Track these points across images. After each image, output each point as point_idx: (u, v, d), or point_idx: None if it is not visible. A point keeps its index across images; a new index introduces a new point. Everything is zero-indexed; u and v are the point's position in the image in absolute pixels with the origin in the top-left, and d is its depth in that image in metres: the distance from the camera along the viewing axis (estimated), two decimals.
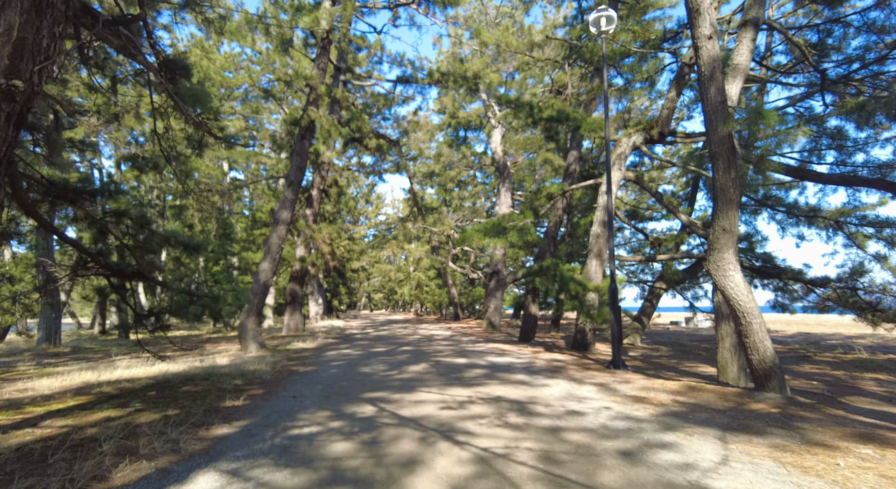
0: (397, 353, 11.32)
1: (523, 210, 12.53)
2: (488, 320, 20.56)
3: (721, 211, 5.81)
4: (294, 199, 12.89)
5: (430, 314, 44.02)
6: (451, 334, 18.01)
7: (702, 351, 12.86)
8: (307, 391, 6.59)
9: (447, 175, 30.05)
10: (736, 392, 6.22)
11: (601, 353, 11.59)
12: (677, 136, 11.79)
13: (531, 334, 14.58)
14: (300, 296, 18.27)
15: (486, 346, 12.95)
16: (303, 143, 12.75)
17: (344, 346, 13.45)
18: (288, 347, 13.31)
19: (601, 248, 12.02)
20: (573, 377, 7.81)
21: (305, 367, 8.97)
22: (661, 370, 8.93)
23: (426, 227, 24.00)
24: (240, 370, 8.18)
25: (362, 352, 11.66)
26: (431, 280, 35.51)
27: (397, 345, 13.70)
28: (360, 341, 15.28)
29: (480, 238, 11.36)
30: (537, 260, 14.84)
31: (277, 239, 12.82)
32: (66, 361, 11.54)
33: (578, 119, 12.15)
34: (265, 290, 12.83)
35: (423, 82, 18.28)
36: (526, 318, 14.62)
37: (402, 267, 40.57)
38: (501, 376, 7.87)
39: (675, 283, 13.94)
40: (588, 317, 10.67)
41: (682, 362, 10.42)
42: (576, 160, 14.96)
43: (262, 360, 9.54)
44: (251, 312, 12.67)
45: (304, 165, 12.84)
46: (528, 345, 13.58)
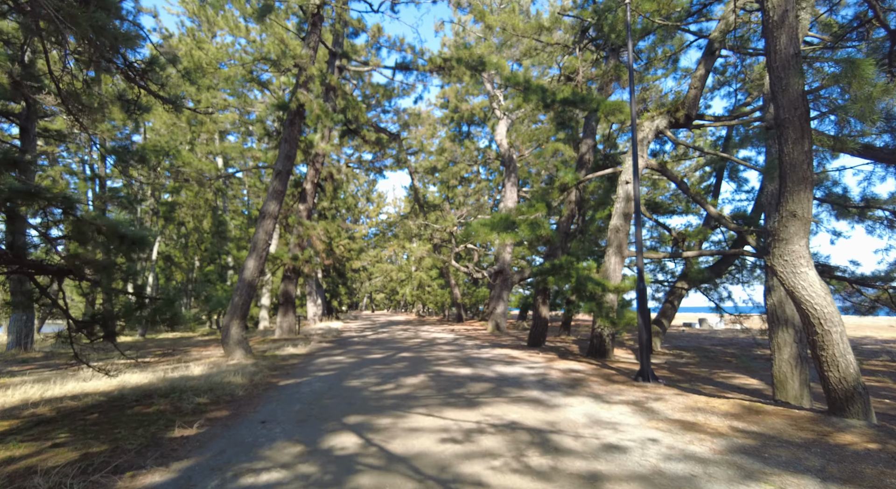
0: (394, 361, 10.18)
1: (533, 203, 11.39)
2: (494, 322, 19.42)
3: (791, 192, 4.66)
4: (282, 191, 11.76)
5: (433, 315, 42.89)
6: (455, 337, 16.87)
7: (730, 357, 11.68)
8: (281, 413, 5.46)
9: (450, 171, 28.92)
10: (807, 416, 5.05)
11: (622, 361, 10.43)
12: (705, 118, 10.62)
13: (541, 339, 13.43)
14: (294, 297, 17.16)
15: (493, 353, 11.80)
16: (291, 129, 11.62)
17: (337, 352, 12.32)
18: (276, 353, 12.19)
19: (621, 243, 10.87)
20: (597, 393, 6.65)
21: (288, 380, 7.83)
22: (694, 382, 7.77)
23: (428, 223, 22.86)
24: (211, 383, 7.05)
25: (356, 360, 10.53)
26: (434, 280, 34.37)
27: (395, 350, 12.57)
28: (355, 346, 14.15)
29: (487, 232, 10.21)
30: (548, 257, 13.69)
31: (264, 234, 11.70)
32: (28, 370, 10.45)
33: (596, 101, 11.00)
34: (251, 290, 11.71)
35: (424, 69, 17.14)
36: (536, 321, 13.47)
37: (404, 266, 39.45)
38: (513, 392, 6.72)
39: (698, 282, 12.76)
40: (608, 322, 9.51)
41: (715, 371, 9.25)
42: (590, 149, 13.79)
43: (242, 370, 8.41)
44: (235, 315, 11.55)
45: (292, 153, 11.71)
46: (538, 350, 12.43)
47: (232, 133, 30.96)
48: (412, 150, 27.31)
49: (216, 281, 24.73)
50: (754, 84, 13.62)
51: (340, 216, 45.52)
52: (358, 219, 50.67)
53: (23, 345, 13.59)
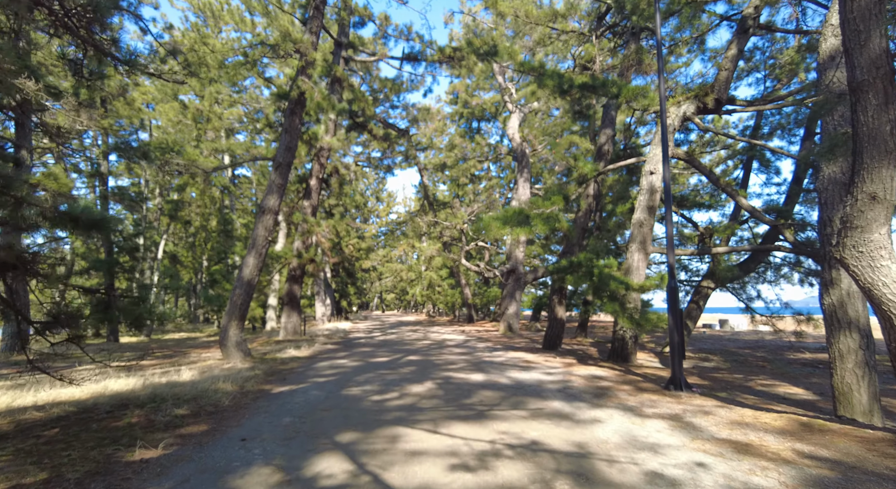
0: (400, 365, 9.47)
1: (549, 196, 10.62)
2: (506, 323, 18.65)
3: (870, 170, 3.87)
4: (283, 184, 11.12)
5: (443, 315, 42.19)
6: (465, 339, 16.13)
7: (762, 362, 10.81)
8: (267, 428, 4.77)
9: (460, 168, 28.19)
10: (886, 438, 4.26)
11: (646, 366, 9.63)
12: (736, 103, 9.78)
13: (558, 341, 12.65)
14: (298, 297, 16.54)
15: (507, 356, 11.06)
16: (292, 118, 10.97)
17: (341, 355, 11.65)
18: (277, 355, 11.56)
19: (645, 239, 10.07)
20: (628, 405, 5.88)
21: (283, 386, 7.15)
22: (732, 391, 6.97)
23: (437, 220, 22.14)
24: (197, 390, 6.39)
25: (360, 363, 9.84)
26: (444, 280, 33.66)
27: (403, 353, 11.87)
28: (361, 347, 13.48)
29: (499, 227, 9.46)
30: (564, 255, 12.91)
31: (264, 230, 11.06)
32: (16, 373, 9.90)
33: (617, 86, 10.21)
34: (250, 290, 11.09)
35: (433, 59, 16.43)
36: (551, 323, 12.69)
37: (414, 266, 38.78)
38: (532, 403, 5.97)
39: (726, 281, 11.90)
40: (633, 324, 8.72)
41: (751, 378, 8.42)
42: (609, 140, 12.99)
43: (235, 376, 7.76)
44: (234, 316, 10.93)
45: (293, 145, 11.06)
46: (554, 354, 11.66)
47: (241, 132, 30.57)
48: (421, 147, 26.61)
49: (222, 280, 24.20)
50: (784, 69, 12.73)
51: (350, 215, 45.02)
52: (368, 218, 50.14)
53: (16, 349, 13.09)
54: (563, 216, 9.75)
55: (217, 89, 22.91)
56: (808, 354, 11.73)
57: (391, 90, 23.31)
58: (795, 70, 12.52)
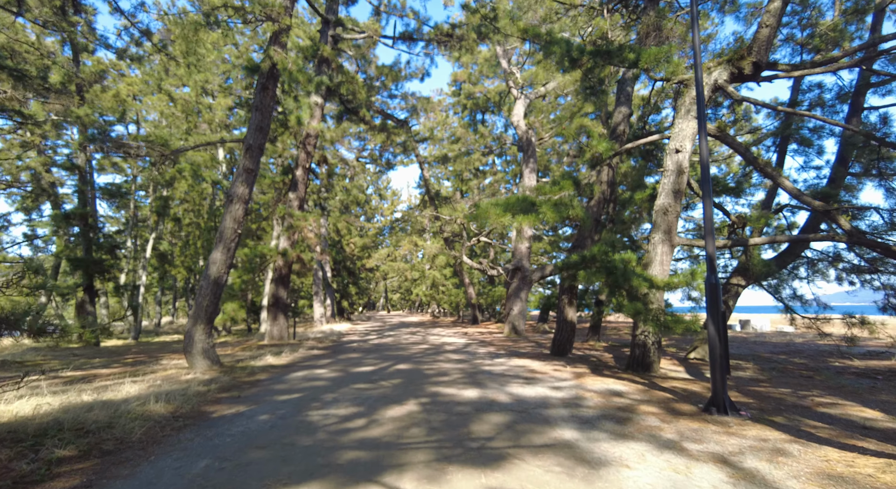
0: (385, 377, 8.10)
1: (559, 180, 9.22)
2: (511, 325, 17.25)
3: None
4: (253, 169, 9.80)
5: (448, 316, 40.82)
6: (466, 343, 14.74)
7: (806, 370, 9.32)
8: (165, 480, 3.43)
9: (463, 162, 26.82)
10: None
11: (672, 377, 8.19)
12: (779, 68, 8.32)
13: (567, 346, 11.23)
14: (285, 299, 15.23)
15: (509, 364, 9.66)
16: (263, 94, 9.64)
17: (323, 363, 10.31)
18: (251, 363, 10.24)
19: (671, 228, 8.65)
20: (662, 437, 4.48)
21: (230, 407, 5.81)
22: (790, 414, 5.53)
23: (438, 214, 20.76)
24: (115, 414, 5.06)
25: (338, 375, 8.49)
26: (448, 279, 32.30)
27: (393, 360, 10.51)
28: (349, 353, 12.14)
29: (499, 214, 8.08)
30: (575, 249, 11.49)
31: (232, 222, 9.74)
32: None
33: (635, 51, 8.79)
34: (218, 289, 9.77)
35: (430, 36, 15.07)
36: (561, 325, 11.27)
37: (417, 265, 37.45)
38: (536, 433, 4.58)
39: (761, 278, 10.43)
40: (659, 327, 7.30)
41: (802, 393, 6.95)
42: (624, 120, 11.56)
43: (180, 392, 6.43)
44: (199, 319, 9.63)
45: (265, 124, 9.72)
46: (564, 361, 10.24)
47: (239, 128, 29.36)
48: (421, 138, 25.23)
49: None
50: (826, 37, 11.21)
51: (354, 214, 43.71)
52: (372, 217, 48.85)
53: None
54: (578, 201, 8.32)
55: (205, 78, 21.71)
56: (856, 361, 10.22)
57: (389, 78, 21.96)
58: (838, 38, 11.02)
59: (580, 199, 10.44)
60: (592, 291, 15.54)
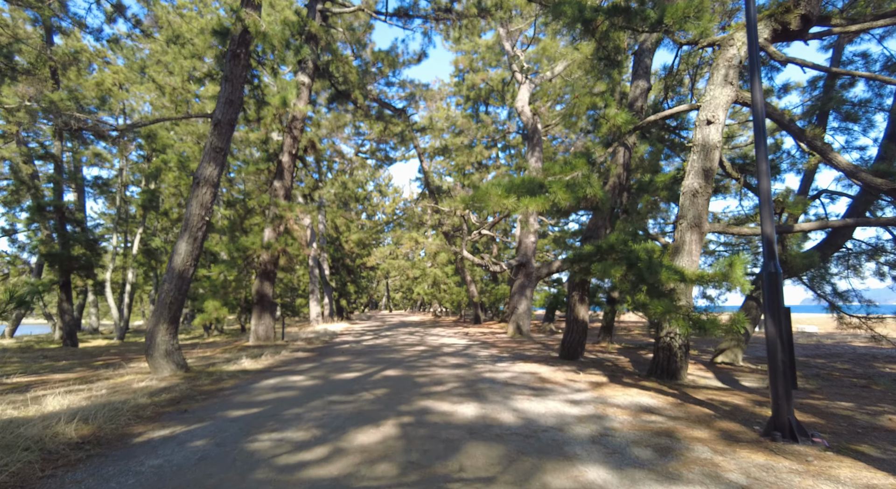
0: (367, 386, 6.91)
1: (571, 159, 8.01)
2: (515, 324, 16.04)
3: None
4: (223, 148, 8.62)
5: (450, 315, 39.61)
6: (467, 344, 13.55)
7: (859, 379, 8.09)
8: None
9: (465, 154, 25.61)
10: None
11: (703, 385, 6.98)
12: (834, 22, 7.08)
13: (579, 349, 10.02)
14: (270, 297, 14.08)
15: (514, 370, 8.45)
16: (234, 63, 8.47)
17: (304, 367, 9.14)
18: (223, 368, 9.09)
19: (700, 214, 7.45)
20: (729, 481, 3.27)
21: (165, 428, 4.62)
22: (872, 438, 4.32)
23: (436, 206, 19.55)
24: (2, 442, 3.90)
25: (315, 383, 7.31)
26: (449, 277, 31.09)
27: (382, 365, 9.33)
28: (336, 356, 10.97)
29: (501, 197, 6.87)
30: (587, 239, 10.28)
31: (199, 208, 8.57)
32: None
33: (660, 7, 7.58)
34: (182, 284, 8.60)
35: (427, 11, 13.88)
36: (571, 326, 10.06)
37: (418, 263, 36.25)
38: (553, 473, 3.38)
39: (800, 271, 9.19)
40: (692, 328, 6.07)
41: (867, 408, 5.72)
42: (643, 94, 10.34)
43: (115, 406, 5.26)
44: (162, 318, 8.47)
45: (236, 97, 8.55)
46: (576, 366, 9.03)
47: None
48: (420, 126, 24.01)
49: None
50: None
51: (355, 211, 42.51)
52: (373, 214, 47.68)
53: None
54: (596, 179, 7.12)
55: (193, 65, 20.57)
56: None
57: (386, 64, 20.76)
58: None
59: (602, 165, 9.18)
60: (603, 288, 14.32)
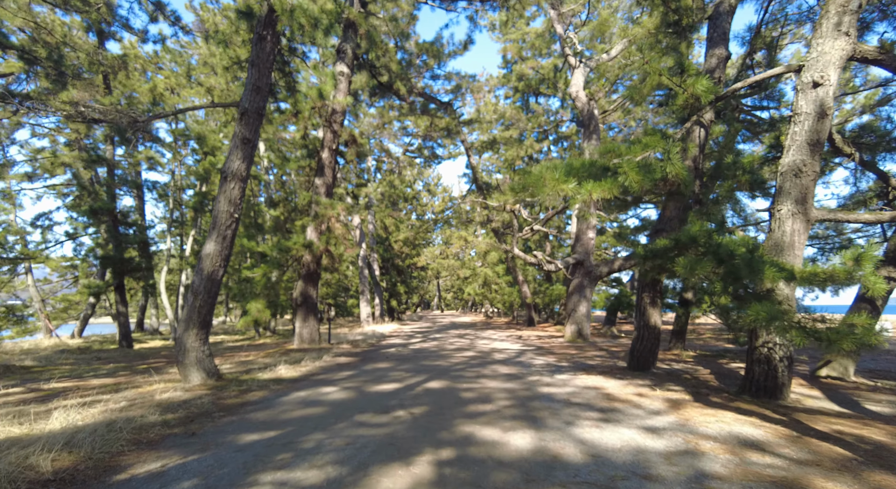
0: (406, 402, 6.02)
1: (641, 138, 6.81)
2: (574, 328, 14.78)
3: None
4: (251, 139, 8.01)
5: (502, 316, 38.42)
6: (521, 349, 12.46)
7: None
8: None
9: (514, 148, 24.41)
10: None
11: (817, 408, 5.61)
12: None
13: (650, 358, 8.74)
14: (314, 298, 13.54)
15: (577, 383, 7.33)
16: (261, 46, 7.84)
17: (340, 376, 8.39)
18: (257, 376, 8.49)
19: (805, 194, 6.10)
20: None
21: (157, 460, 3.89)
22: None
23: (485, 202, 18.50)
24: None
25: (349, 396, 6.51)
26: (500, 277, 29.93)
27: (427, 373, 8.44)
28: (379, 362, 10.20)
29: (559, 181, 5.80)
30: (658, 233, 8.98)
31: (227, 204, 8.00)
32: None
33: None
34: (212, 286, 8.06)
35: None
36: (642, 332, 8.79)
37: (468, 262, 35.30)
38: None
39: None
40: (814, 339, 4.77)
41: None
42: (720, 64, 8.93)
43: (113, 426, 4.64)
44: (191, 322, 7.95)
45: (263, 83, 7.91)
46: (648, 378, 7.79)
47: None
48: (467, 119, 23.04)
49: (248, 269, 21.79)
50: None
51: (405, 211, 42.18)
52: (423, 214, 47.22)
53: None
54: (678, 156, 5.91)
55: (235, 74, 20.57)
56: None
57: (430, 55, 19.97)
58: None
59: (681, 136, 7.87)
60: (673, 288, 12.86)
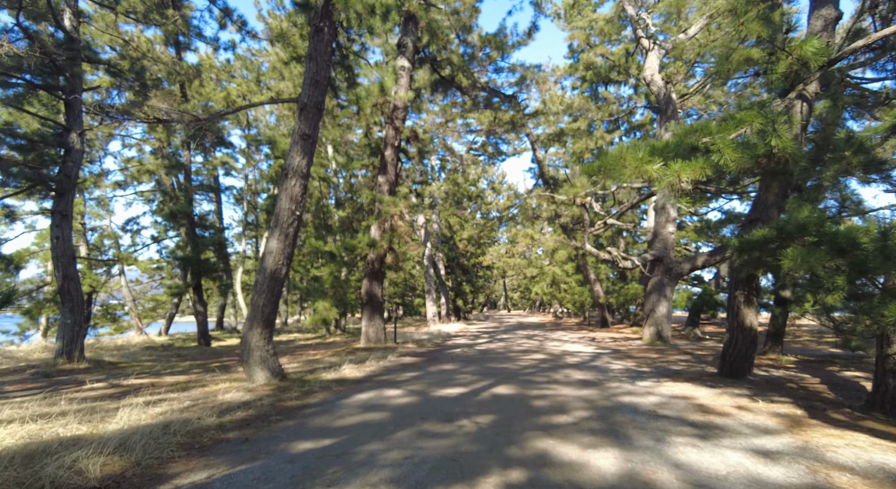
0: (471, 409, 5.54)
1: (734, 113, 5.93)
2: (653, 329, 13.71)
3: None
4: (311, 135, 7.86)
5: (572, 316, 37.07)
6: (595, 352, 11.65)
7: None
8: None
9: (582, 139, 23.32)
10: None
11: None
12: None
13: (746, 363, 7.73)
14: (380, 297, 13.41)
15: (663, 392, 6.54)
16: (318, 38, 7.66)
17: (404, 378, 8.07)
18: (321, 376, 8.35)
19: None
20: None
21: (204, 469, 3.65)
22: None
23: (551, 195, 17.67)
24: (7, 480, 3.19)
25: (413, 400, 6.13)
26: (570, 275, 28.78)
27: (494, 377, 7.93)
28: (444, 364, 9.81)
29: (642, 161, 5.10)
30: (751, 224, 7.94)
31: (289, 202, 7.89)
32: (24, 391, 7.87)
33: None
34: (275, 284, 7.99)
35: None
36: (735, 334, 7.80)
37: (535, 261, 34.32)
38: None
39: None
40: None
41: None
42: (828, 26, 7.74)
43: (170, 429, 4.51)
44: (255, 321, 7.93)
45: (322, 77, 7.73)
46: (745, 386, 6.85)
47: None
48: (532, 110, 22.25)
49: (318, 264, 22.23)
50: None
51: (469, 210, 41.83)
52: (488, 213, 46.67)
53: (70, 355, 11.60)
54: (785, 127, 5.04)
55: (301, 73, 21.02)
56: None
57: (494, 48, 19.40)
58: None
59: (781, 109, 6.79)
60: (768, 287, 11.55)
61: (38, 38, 11.36)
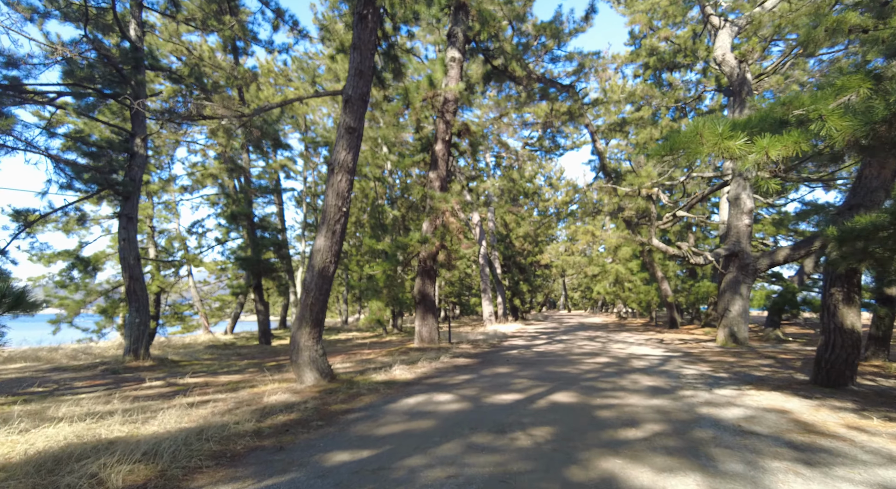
0: (527, 419, 5.02)
1: (829, 81, 5.05)
2: (728, 330, 12.55)
3: None
4: (356, 128, 7.58)
5: (637, 317, 35.34)
6: (664, 355, 10.73)
7: None
8: None
9: (646, 129, 22.00)
10: None
11: None
12: None
13: (846, 371, 6.71)
14: (432, 296, 13.08)
15: (747, 402, 5.72)
16: (361, 26, 7.37)
17: (456, 381, 7.64)
18: (371, 377, 8.08)
19: None
20: None
21: (232, 482, 3.39)
22: None
23: (614, 187, 16.66)
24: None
25: (463, 406, 5.69)
26: (635, 274, 27.33)
27: (552, 382, 7.34)
28: (499, 366, 9.30)
29: (722, 137, 4.39)
30: (850, 211, 6.90)
31: (335, 198, 7.66)
32: (90, 387, 8.14)
33: None
34: (323, 282, 7.79)
35: None
36: (832, 337, 6.80)
37: (596, 259, 32.96)
38: None
39: None
40: None
41: None
42: None
43: (205, 435, 4.31)
44: (304, 321, 7.76)
45: (366, 67, 7.44)
46: (846, 398, 5.88)
47: None
48: (591, 99, 21.23)
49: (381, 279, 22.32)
50: None
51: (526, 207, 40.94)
52: (545, 210, 45.52)
53: (136, 353, 12.04)
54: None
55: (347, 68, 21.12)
56: None
57: (549, 36, 18.62)
58: None
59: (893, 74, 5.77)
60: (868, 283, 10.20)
61: (105, 49, 11.90)
